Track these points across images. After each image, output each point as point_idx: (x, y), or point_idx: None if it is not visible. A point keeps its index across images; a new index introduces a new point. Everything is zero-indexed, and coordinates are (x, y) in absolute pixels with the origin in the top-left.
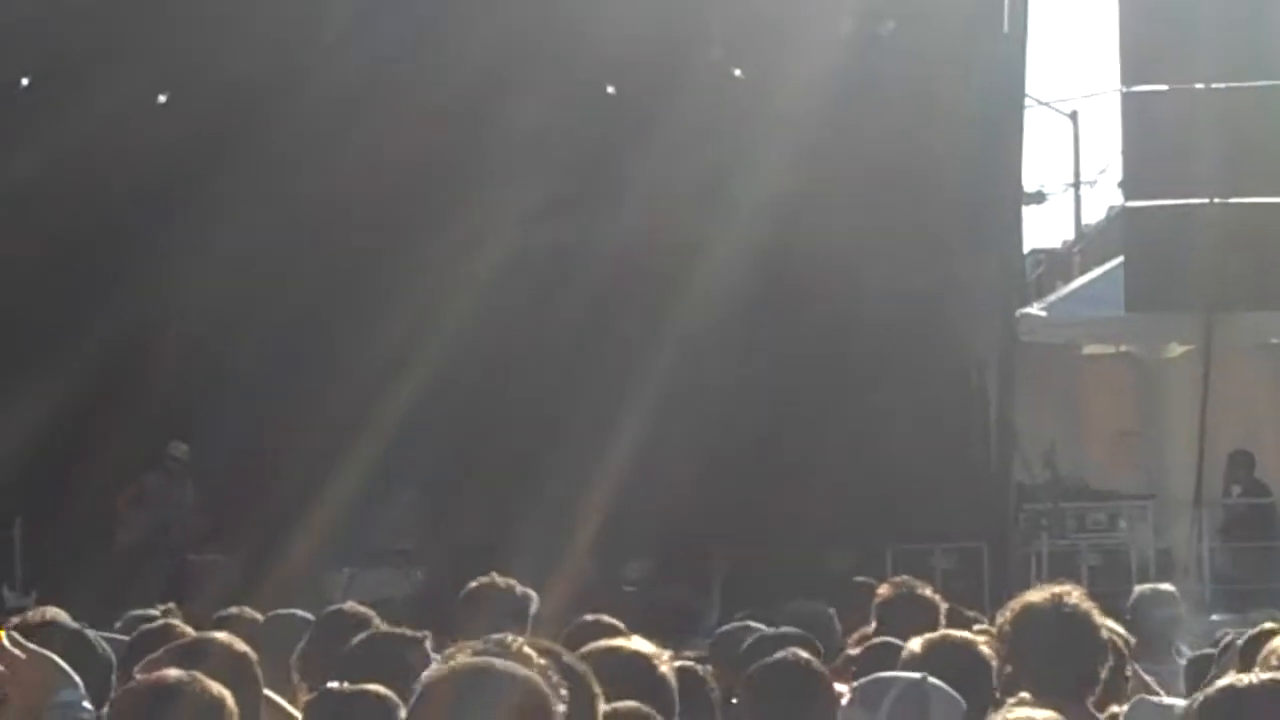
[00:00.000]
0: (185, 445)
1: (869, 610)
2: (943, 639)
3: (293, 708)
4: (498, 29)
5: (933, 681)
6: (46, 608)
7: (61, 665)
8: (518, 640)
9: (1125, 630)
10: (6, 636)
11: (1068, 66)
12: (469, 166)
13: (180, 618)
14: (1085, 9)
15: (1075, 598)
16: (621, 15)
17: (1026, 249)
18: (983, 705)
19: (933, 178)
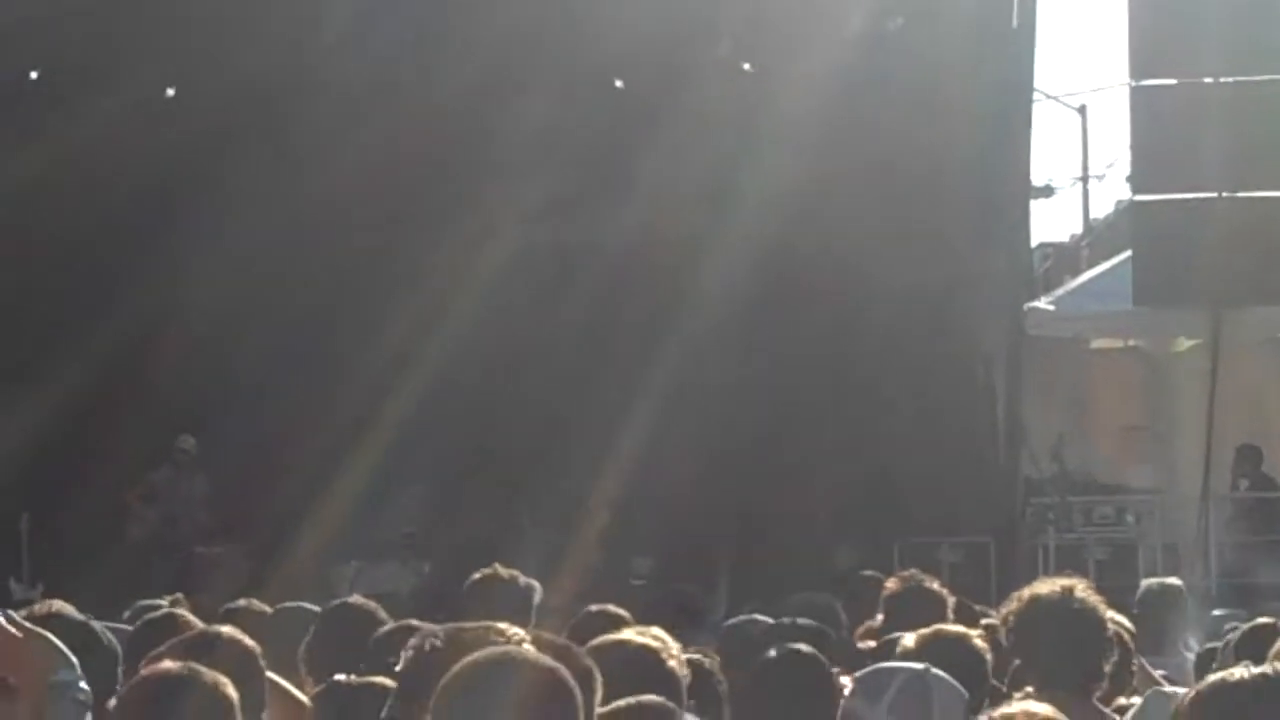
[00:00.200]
0: (193, 438)
1: (875, 604)
2: (936, 633)
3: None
4: (505, 24)
5: (935, 672)
6: (52, 600)
7: (59, 645)
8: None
9: (1132, 624)
10: (3, 616)
11: (1076, 61)
12: (475, 163)
13: (187, 609)
14: (1093, 3)
15: (1082, 592)
16: (629, 10)
17: (1034, 243)
18: (978, 698)
19: (941, 173)
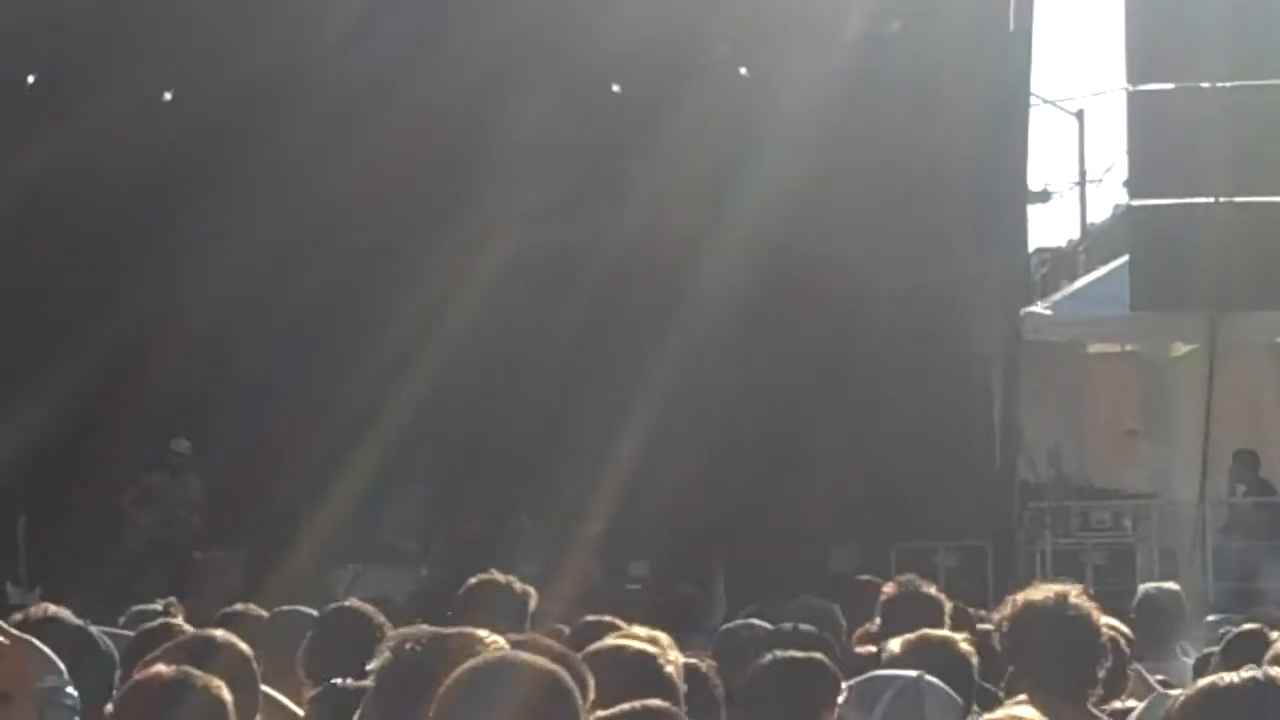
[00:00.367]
0: (187, 441)
1: (872, 608)
2: (921, 639)
3: (295, 705)
4: (503, 26)
5: (929, 680)
6: (49, 604)
7: (46, 651)
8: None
9: (1130, 629)
10: None
11: (1074, 65)
12: (473, 165)
13: (182, 613)
14: (1091, 7)
15: (1076, 598)
16: (627, 13)
17: (1031, 247)
18: (964, 702)
19: (938, 176)
